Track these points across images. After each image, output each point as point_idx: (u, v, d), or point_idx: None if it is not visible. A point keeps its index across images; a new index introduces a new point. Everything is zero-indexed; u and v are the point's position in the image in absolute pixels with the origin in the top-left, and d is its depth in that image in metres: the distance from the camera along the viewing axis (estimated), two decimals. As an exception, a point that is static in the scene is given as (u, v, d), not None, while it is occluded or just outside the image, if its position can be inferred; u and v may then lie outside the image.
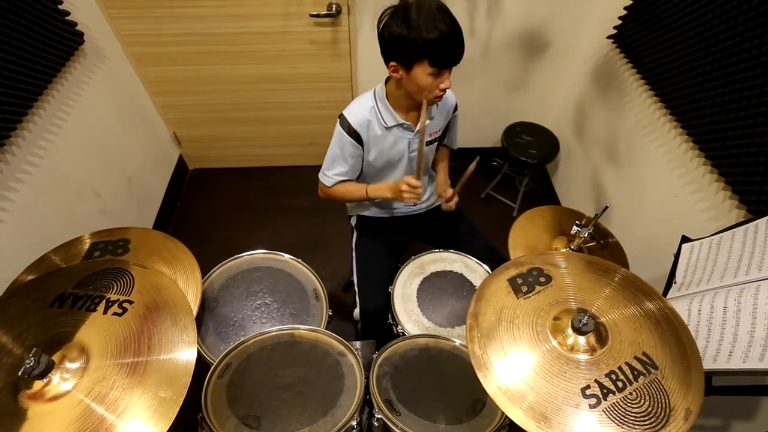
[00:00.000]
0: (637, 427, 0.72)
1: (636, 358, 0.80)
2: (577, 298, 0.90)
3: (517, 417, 0.73)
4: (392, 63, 1.12)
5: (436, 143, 1.41)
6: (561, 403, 0.74)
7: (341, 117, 1.26)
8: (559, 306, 0.88)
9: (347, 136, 1.25)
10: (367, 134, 1.27)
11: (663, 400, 0.75)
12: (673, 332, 0.84)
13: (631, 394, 0.76)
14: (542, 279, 0.94)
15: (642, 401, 0.75)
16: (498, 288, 0.93)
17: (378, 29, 1.11)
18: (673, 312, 0.88)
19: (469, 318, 0.87)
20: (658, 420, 0.73)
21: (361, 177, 1.44)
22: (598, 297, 0.90)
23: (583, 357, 0.80)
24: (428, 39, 1.02)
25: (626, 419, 0.73)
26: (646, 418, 0.73)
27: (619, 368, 0.79)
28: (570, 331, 0.83)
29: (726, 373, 0.84)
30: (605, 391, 0.76)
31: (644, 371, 0.78)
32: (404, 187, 1.23)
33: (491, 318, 0.87)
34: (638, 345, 0.82)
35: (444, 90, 1.14)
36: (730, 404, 1.26)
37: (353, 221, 1.61)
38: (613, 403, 0.74)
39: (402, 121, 1.27)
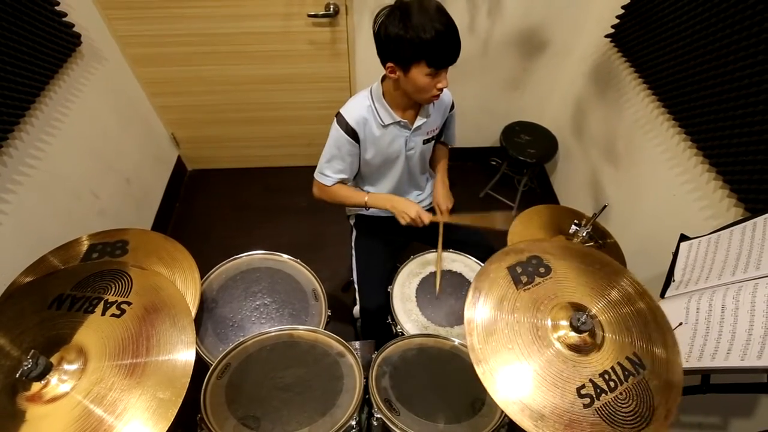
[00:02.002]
0: (624, 426, 0.73)
1: (627, 358, 0.81)
2: (576, 293, 0.90)
3: (516, 415, 0.73)
4: (389, 64, 1.12)
5: (433, 141, 1.42)
6: (557, 402, 0.74)
7: (338, 115, 1.26)
8: (558, 300, 0.88)
9: (344, 134, 1.25)
10: (364, 132, 1.27)
11: (648, 400, 0.76)
12: (660, 333, 0.85)
13: (621, 394, 0.76)
14: (542, 269, 0.93)
15: (630, 401, 0.76)
16: (497, 276, 0.91)
17: (374, 30, 1.11)
18: (660, 312, 0.88)
19: (468, 309, 0.86)
20: (643, 419, 0.74)
21: (357, 177, 1.44)
22: (595, 294, 0.90)
23: (580, 356, 0.80)
24: (425, 39, 1.02)
25: (615, 419, 0.74)
26: (632, 417, 0.74)
27: (612, 368, 0.79)
28: (569, 330, 0.83)
29: (724, 370, 0.84)
30: (598, 390, 0.76)
31: (634, 371, 0.79)
32: (413, 214, 1.28)
33: (491, 309, 0.86)
34: (630, 345, 0.83)
35: (441, 90, 1.15)
36: (728, 402, 1.26)
37: (352, 220, 1.61)
38: (605, 403, 0.75)
39: (399, 119, 1.27)
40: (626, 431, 0.72)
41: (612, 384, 0.77)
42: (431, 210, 1.57)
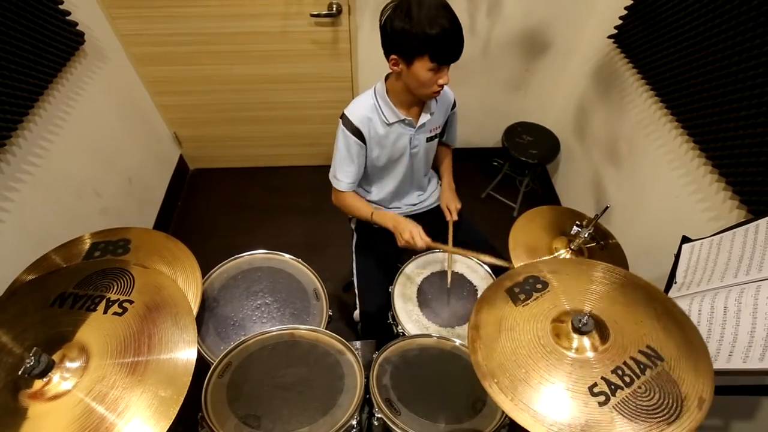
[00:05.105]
0: (651, 420, 0.71)
1: (641, 351, 0.80)
2: (574, 299, 0.90)
3: (528, 422, 0.73)
4: (393, 57, 1.13)
5: (436, 140, 1.42)
6: (570, 404, 0.74)
7: (343, 116, 1.27)
8: (557, 309, 0.88)
9: (351, 134, 1.26)
10: (368, 132, 1.27)
11: (674, 391, 0.75)
12: (676, 324, 0.84)
13: (639, 387, 0.75)
14: (539, 286, 0.94)
15: (652, 394, 0.74)
16: (496, 299, 0.93)
17: (380, 23, 1.12)
18: (671, 302, 0.88)
19: (471, 330, 0.88)
20: (671, 411, 0.72)
21: (363, 176, 1.44)
22: (595, 296, 0.90)
23: (586, 356, 0.80)
24: (430, 34, 1.03)
25: (638, 413, 0.72)
26: (659, 410, 0.73)
27: (625, 363, 0.78)
28: (571, 331, 0.83)
29: (726, 373, 0.84)
30: (613, 387, 0.75)
31: (650, 364, 0.78)
32: (407, 236, 1.23)
33: (492, 328, 0.87)
34: (642, 339, 0.82)
35: (442, 86, 1.16)
36: (730, 404, 1.25)
37: (353, 224, 1.61)
38: (623, 399, 0.74)
39: (403, 116, 1.27)
40: (655, 425, 0.71)
41: (627, 379, 0.76)
42: (434, 210, 1.57)
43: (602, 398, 0.74)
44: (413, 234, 1.24)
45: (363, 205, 1.39)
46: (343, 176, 1.34)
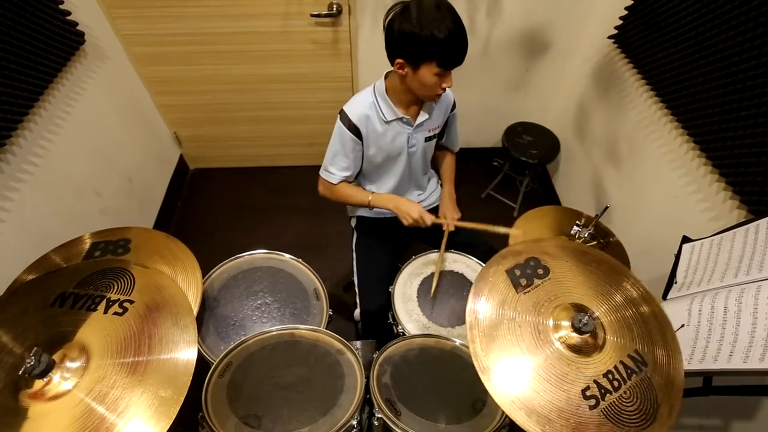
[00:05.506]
0: (630, 425, 0.72)
1: (629, 356, 0.81)
2: (575, 292, 0.90)
3: (523, 421, 0.73)
4: (399, 60, 1.12)
5: (434, 140, 1.42)
6: (563, 406, 0.74)
7: (341, 112, 1.27)
8: (558, 303, 0.88)
9: (347, 131, 1.26)
10: (366, 129, 1.27)
11: (651, 398, 0.76)
12: (660, 330, 0.85)
13: (625, 393, 0.76)
14: (540, 271, 0.93)
15: (634, 399, 0.75)
16: (497, 281, 0.91)
17: (384, 25, 1.11)
18: (658, 307, 0.89)
19: (469, 315, 0.86)
20: (647, 417, 0.74)
21: (359, 174, 1.44)
22: (594, 292, 0.90)
23: (582, 357, 0.80)
24: (439, 39, 1.03)
25: (621, 419, 0.73)
26: (637, 415, 0.74)
27: (615, 367, 0.79)
28: (571, 331, 0.83)
29: (727, 373, 0.84)
30: (603, 391, 0.76)
31: (636, 369, 0.79)
32: (415, 215, 1.29)
33: (492, 314, 0.86)
34: (631, 343, 0.83)
35: (445, 89, 1.16)
36: (730, 404, 1.25)
37: (353, 222, 1.61)
38: (610, 403, 0.75)
39: (401, 115, 1.27)
40: (632, 430, 0.72)
41: (616, 383, 0.77)
42: (434, 210, 1.57)
43: (593, 401, 0.75)
44: (421, 214, 1.31)
45: (358, 191, 1.39)
46: (335, 170, 1.34)
